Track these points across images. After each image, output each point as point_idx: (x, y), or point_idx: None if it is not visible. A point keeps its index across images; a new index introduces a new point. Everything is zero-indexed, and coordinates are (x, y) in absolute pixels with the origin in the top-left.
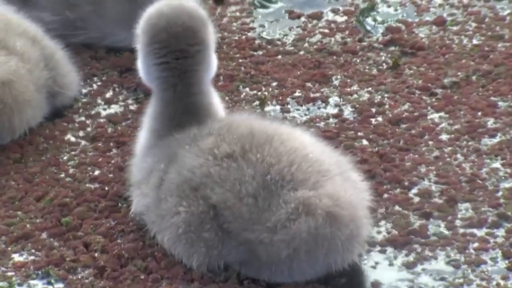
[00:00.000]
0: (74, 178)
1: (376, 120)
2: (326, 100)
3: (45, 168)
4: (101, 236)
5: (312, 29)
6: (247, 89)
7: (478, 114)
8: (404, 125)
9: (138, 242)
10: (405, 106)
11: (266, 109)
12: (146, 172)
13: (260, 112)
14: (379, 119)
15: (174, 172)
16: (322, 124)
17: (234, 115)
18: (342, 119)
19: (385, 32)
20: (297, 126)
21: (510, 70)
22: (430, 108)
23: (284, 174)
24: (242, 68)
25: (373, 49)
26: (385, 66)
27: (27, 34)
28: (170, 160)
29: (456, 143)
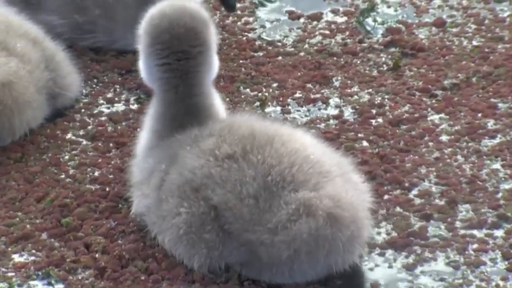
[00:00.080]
0: (75, 179)
1: (376, 121)
2: (326, 101)
3: (45, 168)
4: (101, 237)
5: (312, 30)
6: (248, 90)
7: (478, 115)
8: (404, 126)
9: (139, 243)
10: (405, 108)
11: (267, 110)
12: (147, 172)
13: (260, 113)
14: (380, 120)
15: (175, 173)
16: (322, 125)
17: (235, 116)
18: (343, 120)
19: (385, 33)
20: (297, 127)
21: (510, 71)
22: (430, 109)
23: (285, 175)
24: (243, 69)
25: (373, 50)
26: (385, 68)
27: (28, 35)
28: (171, 161)
29: (456, 144)
